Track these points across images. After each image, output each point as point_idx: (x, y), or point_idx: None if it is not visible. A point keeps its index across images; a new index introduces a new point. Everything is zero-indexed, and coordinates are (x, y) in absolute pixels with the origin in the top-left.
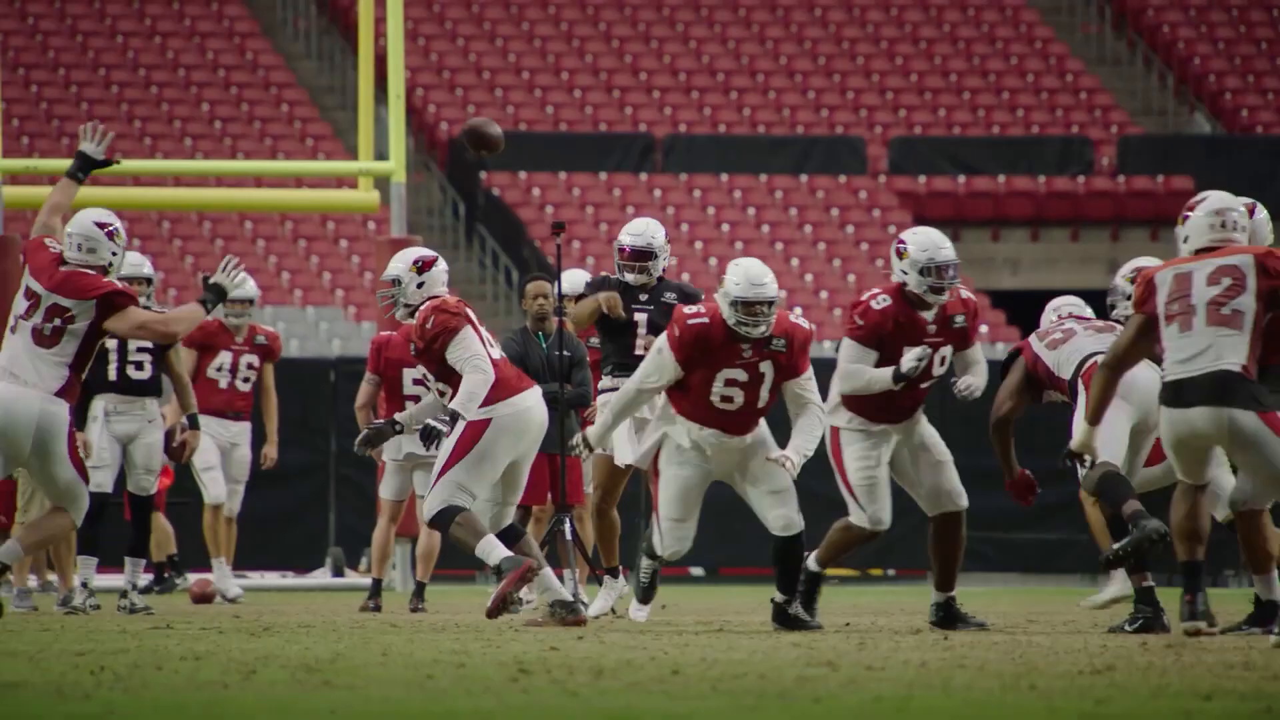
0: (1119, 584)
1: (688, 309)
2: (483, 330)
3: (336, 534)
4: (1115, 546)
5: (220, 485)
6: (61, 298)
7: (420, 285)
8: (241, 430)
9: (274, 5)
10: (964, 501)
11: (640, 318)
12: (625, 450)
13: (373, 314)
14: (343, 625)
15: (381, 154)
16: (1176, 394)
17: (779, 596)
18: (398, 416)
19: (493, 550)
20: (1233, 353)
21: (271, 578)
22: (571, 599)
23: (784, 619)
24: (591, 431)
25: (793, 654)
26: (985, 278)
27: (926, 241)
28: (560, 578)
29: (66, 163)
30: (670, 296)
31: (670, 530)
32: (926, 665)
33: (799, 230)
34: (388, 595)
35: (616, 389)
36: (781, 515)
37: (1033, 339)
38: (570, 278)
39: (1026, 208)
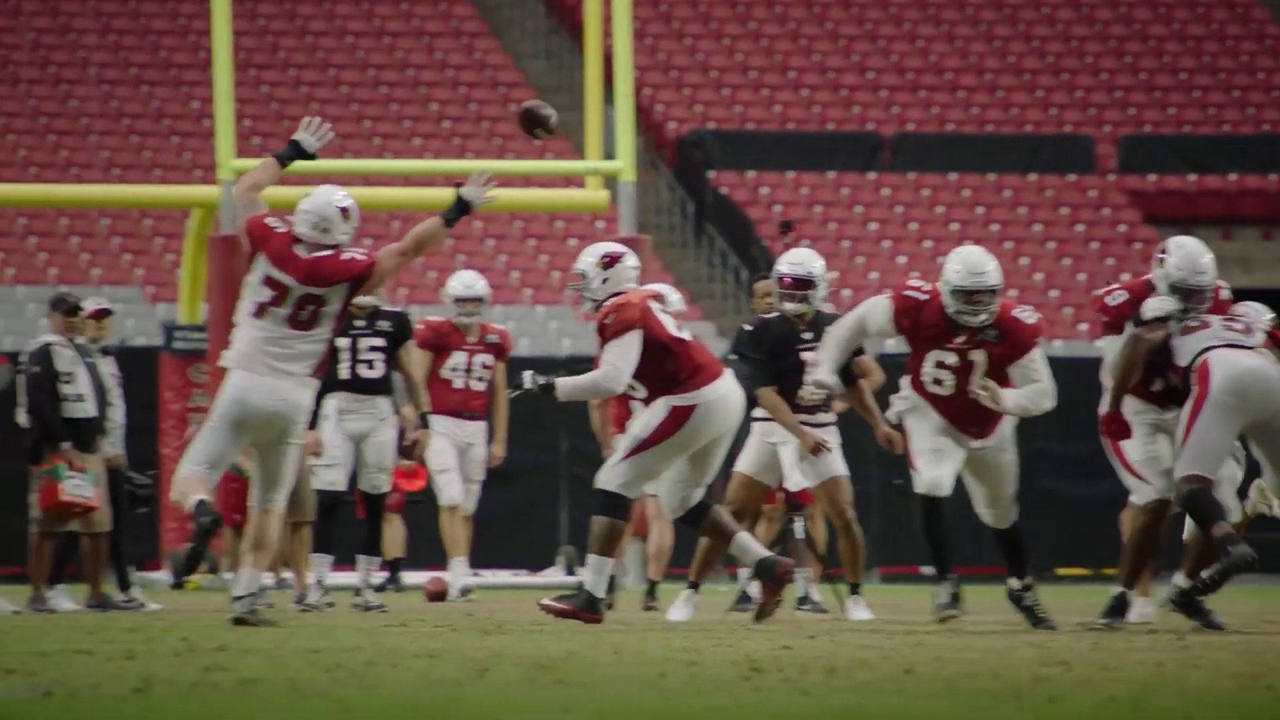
0: None
1: (911, 280)
2: (665, 323)
3: (568, 532)
4: (1205, 574)
5: (456, 487)
6: (314, 288)
7: (605, 280)
8: (477, 429)
9: (502, 4)
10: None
11: (808, 357)
12: (794, 476)
13: None
14: (575, 624)
15: (610, 153)
16: None
17: (1015, 583)
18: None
19: (594, 575)
20: None
21: (504, 576)
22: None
23: (1020, 606)
24: (827, 378)
25: (1027, 653)
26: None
27: (1185, 262)
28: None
29: (296, 164)
30: None
31: (922, 460)
32: (1162, 665)
33: (1027, 229)
34: (620, 594)
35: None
36: (988, 514)
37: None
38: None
39: (1258, 206)
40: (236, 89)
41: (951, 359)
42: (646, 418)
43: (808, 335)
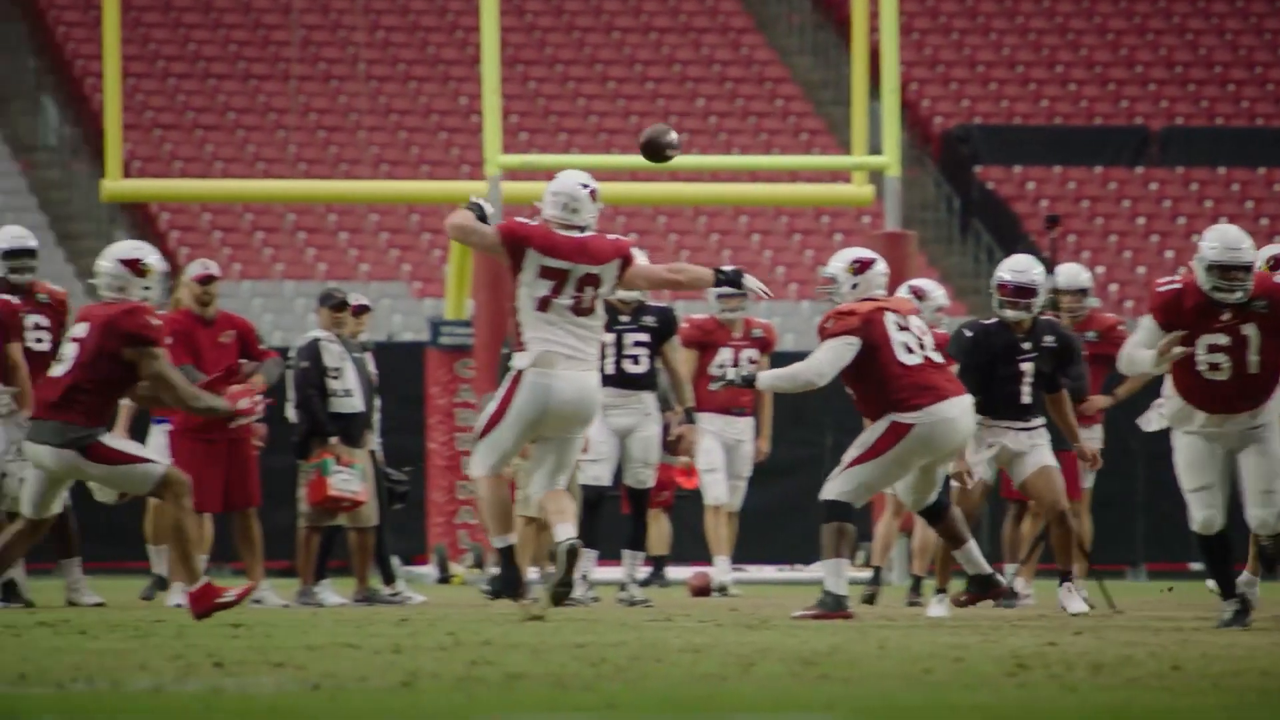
0: None
1: (1161, 280)
2: (897, 340)
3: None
4: None
5: (721, 486)
6: (591, 266)
7: (855, 286)
8: (745, 425)
9: (768, 1)
10: None
11: (1026, 367)
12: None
13: None
14: (840, 620)
15: (875, 148)
16: None
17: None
18: None
19: (831, 577)
20: None
21: (768, 571)
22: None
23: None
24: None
25: None
26: None
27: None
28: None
29: (564, 159)
30: (1050, 340)
31: (1194, 500)
32: None
33: None
34: (885, 589)
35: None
36: (1256, 516)
37: None
38: (1065, 272)
39: None
40: (504, 85)
41: (1223, 339)
42: (870, 431)
43: (1026, 344)
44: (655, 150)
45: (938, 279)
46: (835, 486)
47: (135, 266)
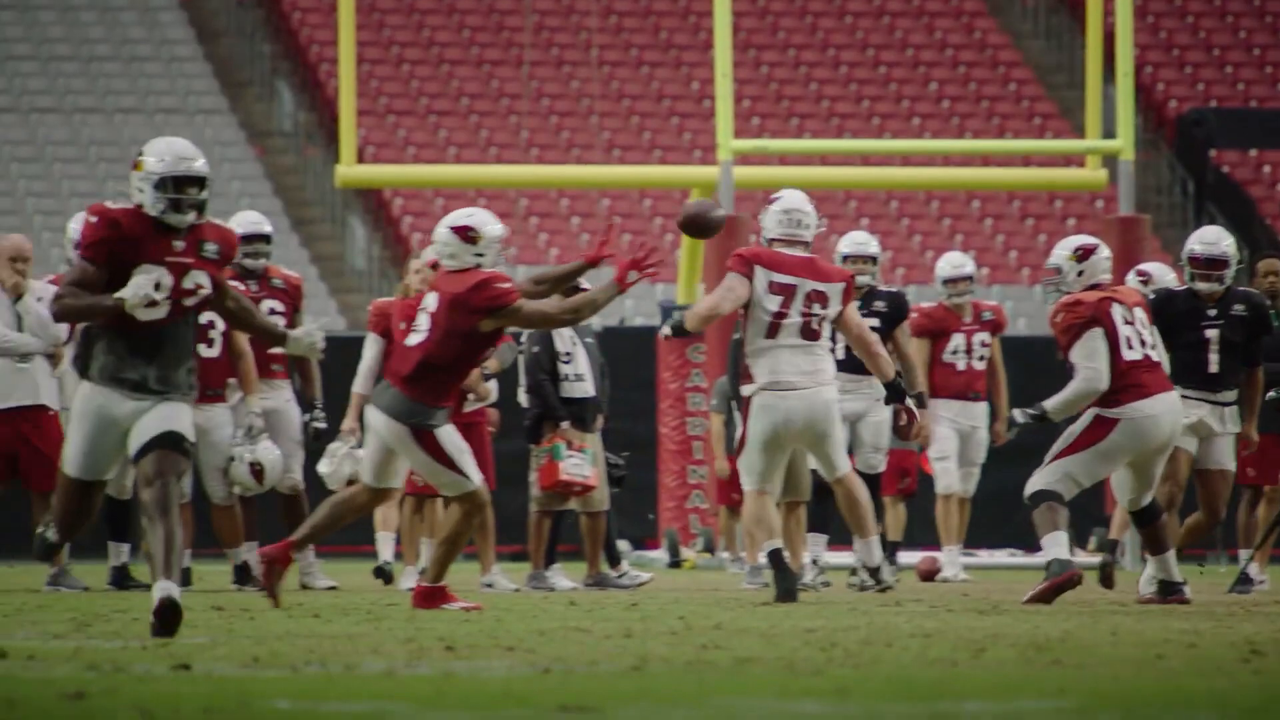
0: None
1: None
2: (1124, 334)
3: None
4: None
5: (951, 475)
6: (819, 284)
7: (1080, 273)
8: (981, 411)
9: None
10: None
11: (1211, 334)
12: None
13: None
14: (1071, 603)
15: (1109, 132)
16: None
17: None
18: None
19: (1053, 548)
20: None
21: (1000, 556)
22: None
23: None
24: None
25: None
26: None
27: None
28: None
29: (795, 144)
30: (1239, 309)
31: None
32: None
33: None
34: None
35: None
36: None
37: None
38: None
39: None
40: (736, 69)
41: None
42: (1076, 424)
43: (1212, 312)
44: (699, 226)
45: (1171, 264)
46: (1040, 479)
47: (465, 233)
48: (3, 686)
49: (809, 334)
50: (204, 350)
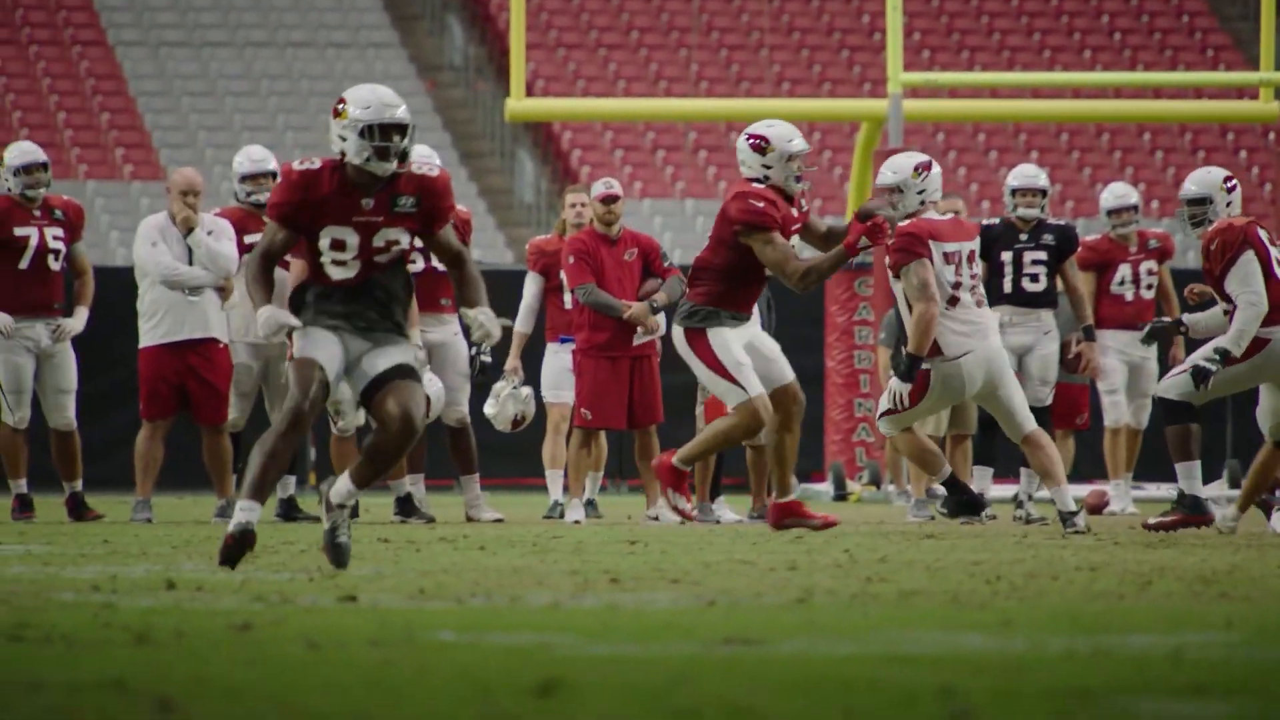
0: None
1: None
2: (1272, 250)
3: (1232, 445)
4: None
5: (1120, 408)
6: (969, 241)
7: (1228, 204)
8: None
9: None
10: None
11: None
12: None
13: None
14: (1240, 537)
15: None
16: None
17: None
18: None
19: (1187, 479)
20: None
21: (1167, 490)
22: None
23: None
24: None
25: None
26: None
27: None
28: None
29: (965, 76)
30: None
31: None
32: None
33: None
34: None
35: None
36: None
37: None
38: None
39: None
40: (906, 2)
41: None
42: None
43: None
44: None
45: None
46: (1175, 385)
47: (756, 143)
48: (170, 618)
49: (976, 293)
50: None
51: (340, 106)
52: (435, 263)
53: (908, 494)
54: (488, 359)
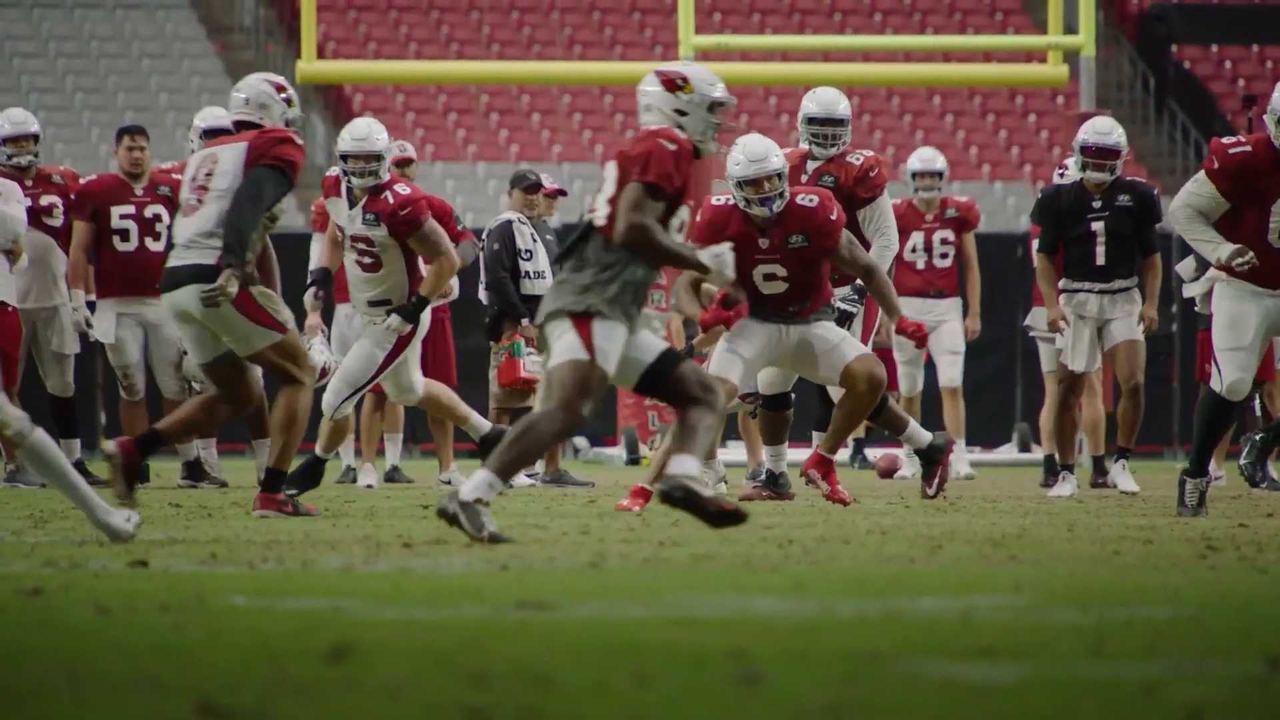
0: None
1: (1227, 139)
2: None
3: (1023, 410)
4: None
5: (914, 378)
6: None
7: None
8: (949, 306)
9: None
10: None
11: (1097, 226)
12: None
13: None
14: (1029, 501)
15: (1071, 27)
16: None
17: None
18: None
19: None
20: None
21: (997, 454)
22: None
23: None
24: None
25: None
26: None
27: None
28: None
29: (757, 39)
30: (1124, 199)
31: (1227, 360)
32: None
33: None
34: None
35: None
36: None
37: None
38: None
39: None
40: None
41: None
42: None
43: (1097, 204)
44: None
45: (1132, 159)
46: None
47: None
48: None
49: None
50: (151, 244)
51: (682, 81)
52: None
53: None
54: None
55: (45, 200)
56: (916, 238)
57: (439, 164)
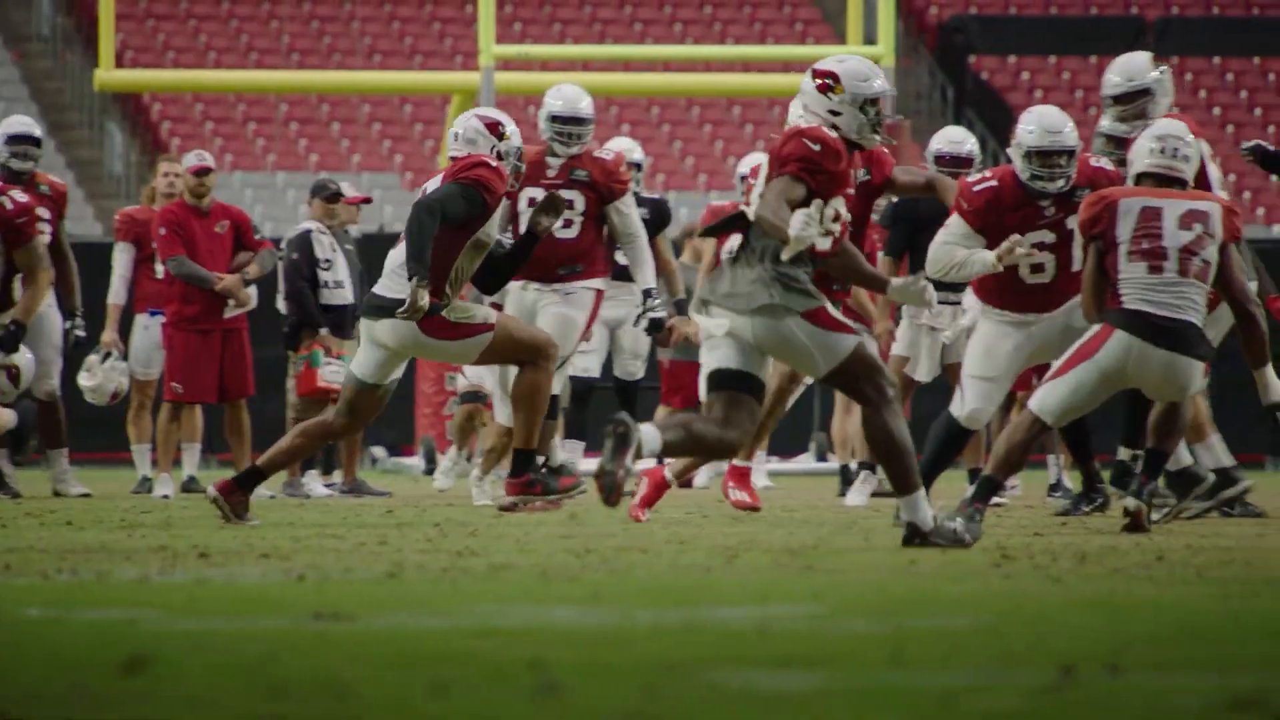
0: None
1: (973, 177)
2: None
3: (820, 419)
4: None
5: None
6: None
7: None
8: None
9: None
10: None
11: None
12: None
13: None
14: (826, 510)
15: (870, 38)
16: (1144, 328)
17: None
18: None
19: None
20: (1200, 306)
21: (794, 464)
22: None
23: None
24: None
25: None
26: None
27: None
28: None
29: (558, 49)
30: None
31: (971, 387)
32: None
33: None
34: None
35: None
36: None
37: None
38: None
39: None
40: None
41: (1049, 236)
42: None
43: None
44: None
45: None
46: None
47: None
48: None
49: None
50: None
51: (833, 81)
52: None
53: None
54: (81, 333)
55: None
56: (734, 239)
57: (238, 173)
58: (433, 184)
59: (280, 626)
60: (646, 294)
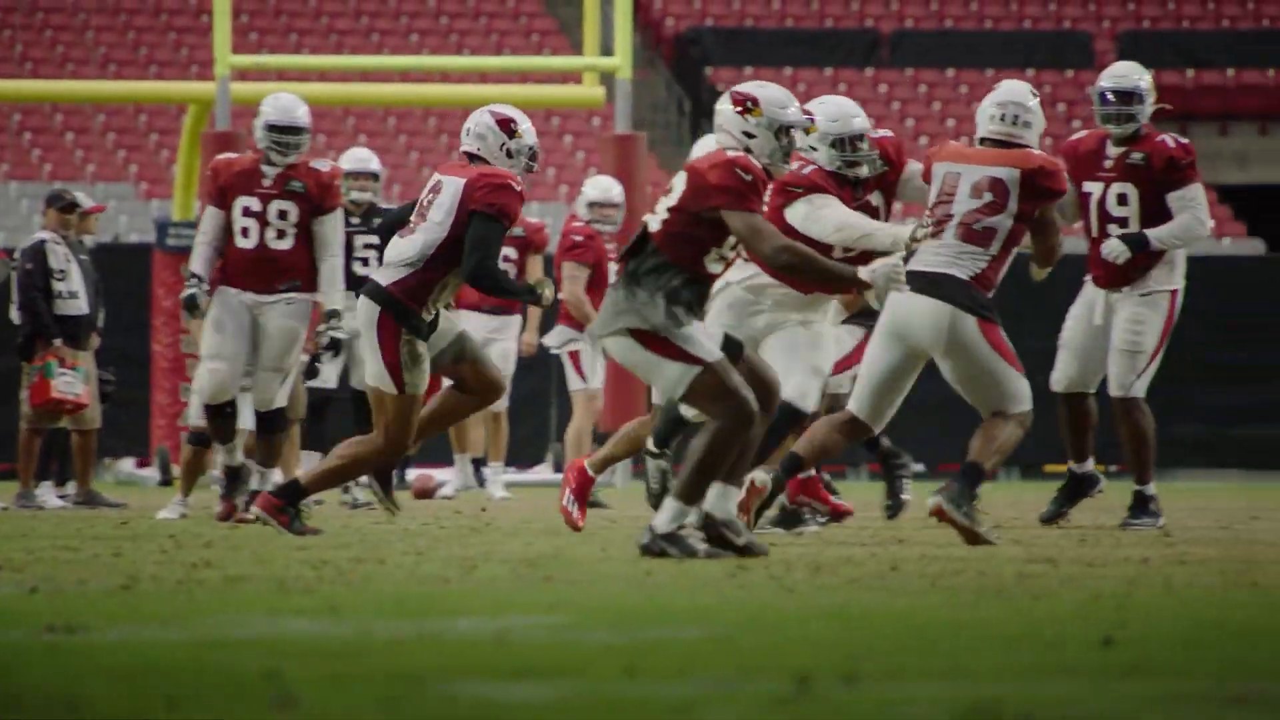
0: None
1: (790, 172)
2: None
3: (557, 429)
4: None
5: None
6: None
7: None
8: (503, 324)
9: None
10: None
11: None
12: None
13: None
14: (559, 522)
15: (607, 49)
16: (913, 280)
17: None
18: None
19: None
20: (971, 265)
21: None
22: None
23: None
24: None
25: (1012, 550)
26: (1213, 173)
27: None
28: None
29: (295, 59)
30: None
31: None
32: (1148, 562)
33: None
34: (603, 492)
35: None
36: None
37: None
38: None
39: (1256, 102)
40: None
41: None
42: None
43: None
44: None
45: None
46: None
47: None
48: None
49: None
50: None
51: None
52: None
53: (216, 477)
54: None
55: None
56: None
57: None
58: (446, 179)
59: (12, 640)
60: (331, 315)
